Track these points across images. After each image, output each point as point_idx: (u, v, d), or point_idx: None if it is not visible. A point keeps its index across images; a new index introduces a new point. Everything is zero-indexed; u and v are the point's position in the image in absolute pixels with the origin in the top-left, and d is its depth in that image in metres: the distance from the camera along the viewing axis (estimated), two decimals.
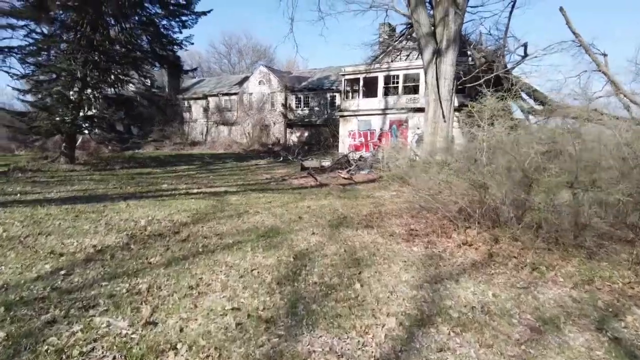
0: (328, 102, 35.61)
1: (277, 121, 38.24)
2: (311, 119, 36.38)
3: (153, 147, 35.91)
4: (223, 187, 13.21)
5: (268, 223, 7.72)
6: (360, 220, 8.28)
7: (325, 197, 11.74)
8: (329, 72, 39.01)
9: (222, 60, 73.08)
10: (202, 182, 14.32)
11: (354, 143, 24.10)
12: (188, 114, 44.61)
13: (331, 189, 13.65)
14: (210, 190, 12.15)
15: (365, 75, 23.58)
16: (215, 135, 41.92)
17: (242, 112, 39.73)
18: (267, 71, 39.03)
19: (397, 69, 22.83)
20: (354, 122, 24.15)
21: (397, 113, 22.66)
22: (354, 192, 13.20)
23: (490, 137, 7.82)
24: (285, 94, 37.71)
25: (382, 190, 13.71)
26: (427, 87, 15.72)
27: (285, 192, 12.36)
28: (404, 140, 22.55)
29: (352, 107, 24.21)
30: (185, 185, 13.15)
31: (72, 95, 18.62)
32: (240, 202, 10.22)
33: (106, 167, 18.74)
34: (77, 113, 18.53)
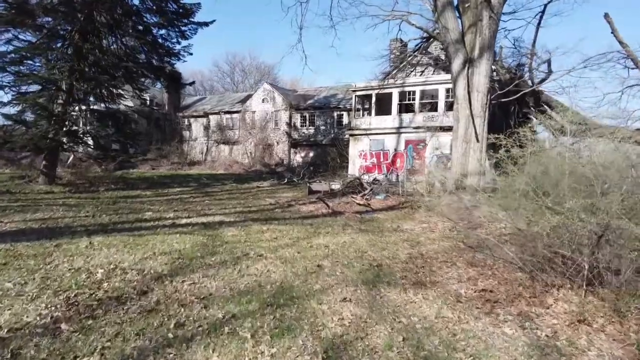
0: (335, 121, 33.74)
1: (281, 140, 36.34)
2: (317, 138, 34.45)
3: (149, 167, 33.90)
4: (219, 215, 11.03)
5: (276, 276, 5.51)
6: (402, 271, 6.06)
7: (344, 229, 9.55)
8: (335, 90, 37.31)
9: (225, 79, 72.01)
10: (194, 209, 12.16)
11: (365, 164, 22.05)
12: (188, 132, 42.81)
13: (347, 219, 11.46)
14: (203, 220, 9.97)
15: (378, 91, 21.70)
16: (215, 155, 39.97)
17: (244, 130, 37.88)
18: (271, 88, 37.36)
19: (413, 85, 20.97)
20: (365, 141, 22.16)
21: (413, 132, 20.67)
22: (376, 223, 11.00)
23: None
24: (290, 112, 35.92)
25: (408, 221, 11.53)
26: (456, 101, 13.72)
27: (294, 223, 10.17)
28: (421, 162, 20.48)
29: (363, 126, 22.26)
30: (173, 214, 10.97)
31: (56, 108, 16.67)
32: (239, 238, 8.03)
33: (89, 188, 16.63)
34: (59, 128, 16.54)
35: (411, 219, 11.89)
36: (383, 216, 12.41)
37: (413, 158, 20.84)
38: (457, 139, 13.67)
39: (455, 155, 13.74)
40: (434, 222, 11.22)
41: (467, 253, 7.50)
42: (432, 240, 8.78)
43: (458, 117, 13.60)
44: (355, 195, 15.46)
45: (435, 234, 9.55)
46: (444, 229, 10.38)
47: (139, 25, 19.06)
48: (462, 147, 13.47)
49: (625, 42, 14.82)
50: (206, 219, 10.22)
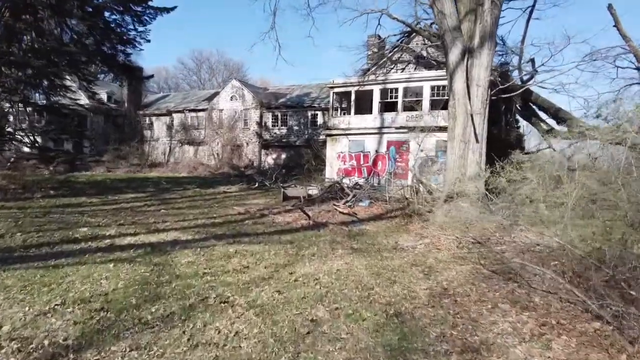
0: (309, 121, 31.84)
1: (251, 141, 34.06)
2: (289, 139, 32.42)
3: (105, 169, 30.80)
4: (174, 230, 8.87)
5: (249, 348, 3.52)
6: (433, 323, 4.19)
7: (332, 249, 7.64)
8: (309, 88, 35.44)
9: (191, 77, 68.75)
10: (145, 222, 9.91)
11: (344, 167, 20.27)
12: (149, 131, 39.74)
13: (333, 232, 9.56)
14: (152, 239, 7.80)
15: (357, 88, 19.98)
16: (179, 156, 37.16)
17: (210, 130, 35.33)
18: (240, 85, 35.02)
19: (395, 81, 19.39)
20: (344, 142, 20.38)
21: (395, 133, 19.07)
22: (367, 237, 9.16)
23: None
24: (261, 111, 33.72)
25: (404, 234, 9.77)
26: (453, 97, 12.11)
27: (269, 241, 8.16)
28: (404, 164, 18.91)
29: (341, 125, 20.47)
30: (116, 229, 8.71)
31: None
32: (196, 267, 5.96)
33: (22, 195, 13.95)
34: None
35: (406, 232, 10.12)
36: (373, 228, 10.58)
37: (395, 160, 19.23)
38: (453, 139, 12.06)
39: (451, 157, 12.12)
40: (435, 236, 9.48)
41: (499, 284, 5.76)
42: (444, 263, 6.99)
43: (455, 115, 11.99)
44: (337, 203, 13.59)
45: (444, 254, 7.79)
46: (449, 245, 8.65)
47: (87, 6, 16.49)
48: (459, 149, 11.86)
49: (628, 36, 13.71)
50: (157, 237, 8.05)
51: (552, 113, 17.43)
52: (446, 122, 18.66)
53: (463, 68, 11.68)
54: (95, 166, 31.79)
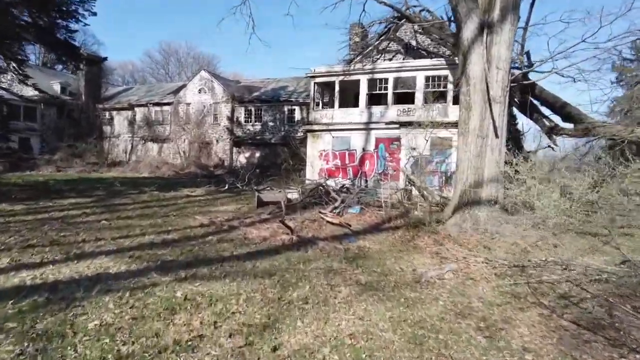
0: (285, 117, 29.32)
1: (221, 138, 31.22)
2: (264, 136, 29.81)
3: (55, 168, 27.30)
4: (104, 255, 6.28)
5: None
6: None
7: (332, 287, 5.28)
8: (285, 82, 32.92)
9: (158, 71, 64.83)
10: (69, 241, 7.25)
11: (327, 167, 17.93)
12: (109, 127, 36.15)
13: (325, 254, 7.21)
14: (61, 275, 5.21)
15: (342, 78, 17.68)
16: (142, 154, 33.83)
17: (176, 126, 32.23)
18: (209, 77, 32.08)
19: (385, 71, 17.20)
20: (326, 139, 18.03)
21: (385, 128, 16.88)
22: (372, 261, 6.87)
23: None
24: (232, 106, 30.93)
25: (416, 254, 7.56)
26: (466, 82, 9.96)
27: (239, 273, 5.70)
28: (395, 164, 16.76)
29: (324, 120, 18.12)
30: (12, 257, 6.02)
31: None
32: (107, 343, 3.47)
33: None
34: None
35: (417, 250, 7.89)
36: (374, 244, 8.29)
37: (385, 160, 17.04)
38: (467, 134, 9.90)
39: (464, 155, 9.96)
40: (458, 258, 7.27)
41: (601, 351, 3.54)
42: (498, 309, 4.77)
43: (469, 104, 9.84)
44: (324, 210, 11.22)
45: (484, 288, 5.58)
46: (482, 271, 6.46)
47: None
48: (475, 146, 9.71)
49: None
50: (73, 269, 5.45)
51: (558, 108, 15.63)
52: (442, 116, 16.66)
53: (481, 46, 9.55)
54: (45, 165, 28.25)
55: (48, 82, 34.43)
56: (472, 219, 9.43)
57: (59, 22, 14.30)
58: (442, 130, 15.94)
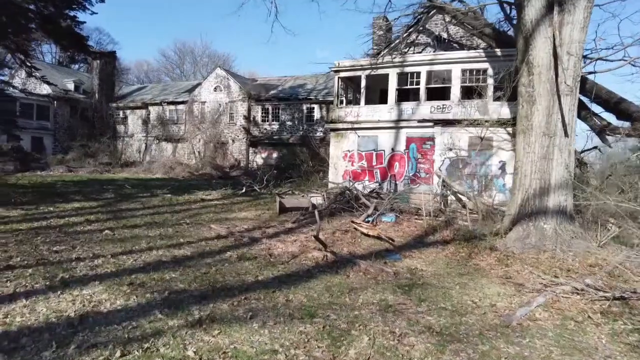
0: (304, 115, 27.98)
1: (237, 138, 30.04)
2: (282, 135, 28.52)
3: (65, 169, 26.43)
4: (98, 280, 4.98)
5: None
6: None
7: (397, 337, 3.85)
8: (303, 79, 31.61)
9: (174, 71, 64.17)
10: (60, 258, 5.99)
11: (352, 169, 16.50)
12: (123, 126, 35.33)
13: (371, 278, 5.83)
14: (37, 319, 3.90)
15: (369, 72, 16.24)
16: (156, 154, 32.85)
17: (191, 125, 31.17)
18: (225, 75, 30.96)
19: (416, 64, 15.71)
20: (351, 138, 16.60)
21: (417, 127, 15.39)
22: (432, 290, 5.46)
23: None
24: (249, 104, 29.73)
25: (481, 278, 6.10)
26: (529, 71, 8.42)
27: (269, 311, 4.34)
28: (428, 166, 15.26)
29: (349, 118, 16.69)
30: None
31: None
32: None
33: None
34: None
35: (481, 273, 6.44)
36: (426, 265, 6.85)
37: (417, 161, 15.53)
38: (529, 132, 8.38)
39: (526, 157, 8.43)
40: (538, 286, 5.78)
41: None
42: None
43: (532, 97, 8.32)
44: (357, 219, 9.79)
45: (599, 335, 4.09)
46: (578, 305, 4.99)
47: None
48: (540, 146, 8.19)
49: None
50: (50, 306, 4.14)
51: (612, 105, 13.90)
52: (481, 113, 15.09)
53: (549, 28, 8.02)
54: (57, 165, 27.42)
55: (62, 80, 33.73)
56: (538, 233, 7.91)
57: (65, 12, 13.19)
58: (480, 129, 14.39)
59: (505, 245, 7.98)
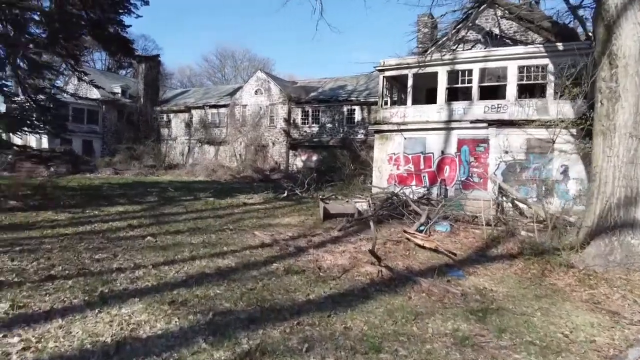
0: (344, 117, 27.38)
1: (278, 141, 29.89)
2: (322, 138, 28.06)
3: (112, 171, 27.21)
4: (138, 296, 4.60)
5: None
6: None
7: None
8: (344, 81, 31.03)
9: (215, 75, 65.50)
10: (104, 267, 5.70)
11: (398, 172, 15.71)
12: (167, 130, 36.14)
13: (435, 299, 5.13)
14: (71, 344, 3.51)
15: (417, 70, 15.42)
16: (199, 157, 33.32)
17: (233, 128, 31.35)
18: (265, 77, 30.93)
19: (468, 61, 14.73)
20: (397, 140, 15.82)
21: (469, 128, 14.40)
22: (509, 317, 4.66)
23: None
24: (289, 107, 29.51)
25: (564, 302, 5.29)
26: (609, 64, 7.39)
27: (328, 340, 3.76)
28: (482, 170, 14.22)
29: (394, 119, 15.93)
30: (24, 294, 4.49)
31: None
32: None
33: None
34: None
35: (561, 295, 5.60)
36: (494, 284, 6.06)
37: (469, 165, 14.52)
38: (611, 133, 7.35)
39: (607, 162, 7.40)
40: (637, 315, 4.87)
41: None
42: None
43: (616, 93, 7.29)
44: (410, 229, 9.05)
45: None
46: None
47: None
48: (626, 148, 7.15)
49: None
50: (86, 327, 3.76)
51: None
52: (541, 113, 13.89)
53: (638, 12, 6.99)
54: (105, 167, 28.32)
55: (110, 85, 34.96)
56: (624, 249, 6.88)
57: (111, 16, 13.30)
58: (540, 130, 13.23)
59: (583, 261, 7.00)
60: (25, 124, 11.61)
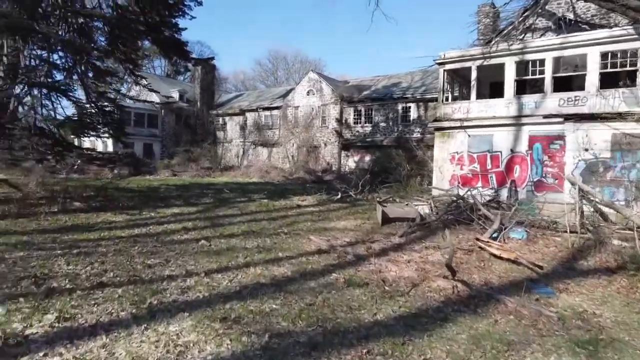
0: (399, 116, 26.34)
1: (329, 141, 29.42)
2: (375, 137, 27.20)
3: (171, 172, 28.10)
4: (191, 312, 4.19)
5: None
6: None
7: None
8: (397, 78, 29.96)
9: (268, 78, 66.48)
10: (156, 275, 5.42)
11: (461, 173, 14.58)
12: (222, 132, 36.94)
13: (528, 323, 4.25)
14: None
15: (481, 62, 14.23)
16: (252, 159, 33.70)
17: (285, 130, 31.34)
18: (317, 78, 30.60)
19: (540, 50, 13.32)
20: (460, 138, 14.71)
21: (542, 123, 13.01)
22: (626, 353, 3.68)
23: None
24: (341, 107, 28.95)
25: None
26: None
27: None
28: (556, 170, 12.78)
29: (456, 115, 14.82)
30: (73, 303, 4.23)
31: None
32: None
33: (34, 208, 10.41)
34: None
35: None
36: (595, 306, 5.08)
37: (542, 164, 13.12)
38: None
39: None
40: None
41: None
42: None
43: None
44: (481, 236, 8.10)
45: None
46: None
47: None
48: None
49: None
50: (130, 347, 3.36)
51: None
52: (629, 105, 12.24)
53: None
54: (163, 169, 29.33)
55: (168, 90, 36.32)
56: None
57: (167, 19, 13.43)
58: (629, 124, 11.67)
59: None
60: (89, 128, 11.90)
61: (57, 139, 11.35)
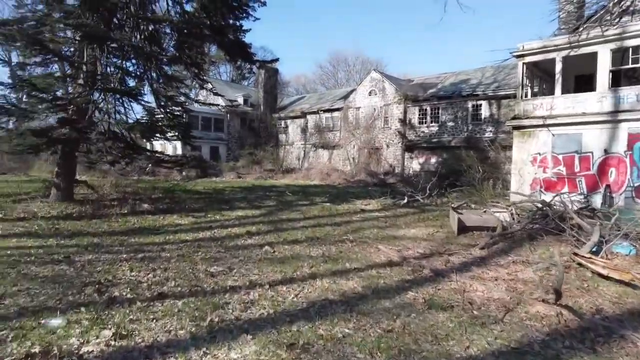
0: (469, 114, 24.72)
1: (392, 142, 28.42)
2: (441, 138, 25.79)
3: (235, 175, 28.70)
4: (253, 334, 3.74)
5: None
6: None
7: None
8: (466, 74, 28.26)
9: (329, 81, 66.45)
10: (218, 285, 5.08)
11: (545, 176, 13.11)
12: (284, 135, 37.25)
13: None
14: None
15: (567, 53, 12.71)
16: (313, 161, 33.58)
17: (346, 132, 30.81)
18: (380, 77, 29.71)
19: None
20: (542, 138, 13.25)
21: None
22: None
23: None
24: (405, 106, 27.83)
25: None
26: None
27: None
28: None
29: (538, 112, 13.38)
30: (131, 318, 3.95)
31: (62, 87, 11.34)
32: None
33: (107, 209, 10.76)
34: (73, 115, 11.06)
35: None
36: None
37: None
38: None
39: None
40: None
41: None
42: None
43: None
44: (579, 250, 6.94)
45: None
46: None
47: None
48: None
49: None
50: None
51: None
52: None
53: None
54: (229, 172, 30.09)
55: (233, 94, 37.34)
56: None
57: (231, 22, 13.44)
58: None
59: None
60: (157, 131, 12.16)
61: (128, 143, 11.71)
